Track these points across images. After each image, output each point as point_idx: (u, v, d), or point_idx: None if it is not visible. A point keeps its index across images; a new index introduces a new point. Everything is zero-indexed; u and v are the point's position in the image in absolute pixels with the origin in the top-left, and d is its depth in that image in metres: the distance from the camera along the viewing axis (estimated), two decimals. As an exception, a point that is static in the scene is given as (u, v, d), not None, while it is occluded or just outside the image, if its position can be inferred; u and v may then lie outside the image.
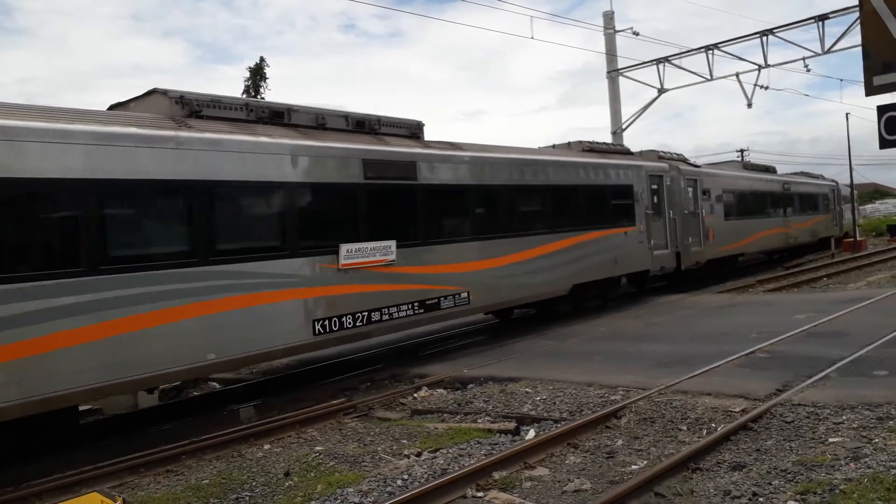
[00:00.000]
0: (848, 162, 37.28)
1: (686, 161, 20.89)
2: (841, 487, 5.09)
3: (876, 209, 67.07)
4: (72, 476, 6.75)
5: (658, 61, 27.08)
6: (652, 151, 19.81)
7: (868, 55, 6.85)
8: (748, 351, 9.95)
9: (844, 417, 6.73)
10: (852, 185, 38.07)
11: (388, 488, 6.01)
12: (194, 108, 9.38)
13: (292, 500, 5.99)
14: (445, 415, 8.48)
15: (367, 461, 6.89)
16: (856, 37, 21.44)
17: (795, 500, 5.02)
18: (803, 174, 33.43)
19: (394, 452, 7.09)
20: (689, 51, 26.50)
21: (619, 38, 28.38)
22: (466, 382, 9.99)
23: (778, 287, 19.50)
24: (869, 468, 5.42)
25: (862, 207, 57.56)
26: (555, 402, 8.40)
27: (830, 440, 6.19)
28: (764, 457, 5.99)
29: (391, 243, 10.78)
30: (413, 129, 12.50)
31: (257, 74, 45.17)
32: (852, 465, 5.54)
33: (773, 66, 25.46)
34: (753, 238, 24.19)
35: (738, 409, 7.28)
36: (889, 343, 9.69)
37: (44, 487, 6.58)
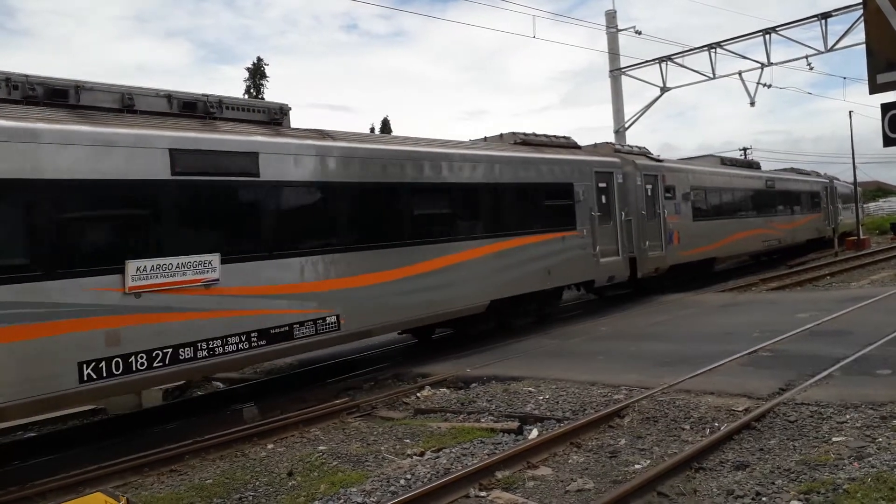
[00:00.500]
0: (851, 160, 37.17)
1: (648, 155, 18.84)
2: (844, 487, 5.08)
3: (879, 207, 66.92)
4: (75, 476, 6.77)
5: (661, 60, 27.06)
6: (607, 144, 17.98)
7: (871, 53, 6.85)
8: (751, 350, 9.94)
9: (848, 416, 6.72)
10: (855, 183, 37.93)
11: (392, 488, 6.02)
12: None
13: (295, 500, 6.00)
14: (448, 414, 8.48)
15: (370, 461, 6.90)
16: (859, 35, 21.44)
17: (799, 500, 5.02)
18: (793, 170, 31.67)
19: (397, 452, 7.10)
20: (692, 49, 26.47)
21: (622, 37, 28.41)
22: (469, 382, 9.99)
23: (781, 286, 19.46)
24: (872, 467, 5.41)
25: (865, 206, 57.39)
26: (558, 402, 8.40)
27: (834, 439, 6.18)
28: (767, 456, 5.99)
29: (212, 258, 8.48)
30: (273, 115, 10.16)
31: (256, 74, 45.21)
32: (856, 464, 5.53)
33: (776, 64, 25.43)
34: (729, 240, 22.08)
35: (741, 409, 7.27)
36: (893, 342, 9.66)
37: (48, 487, 6.59)
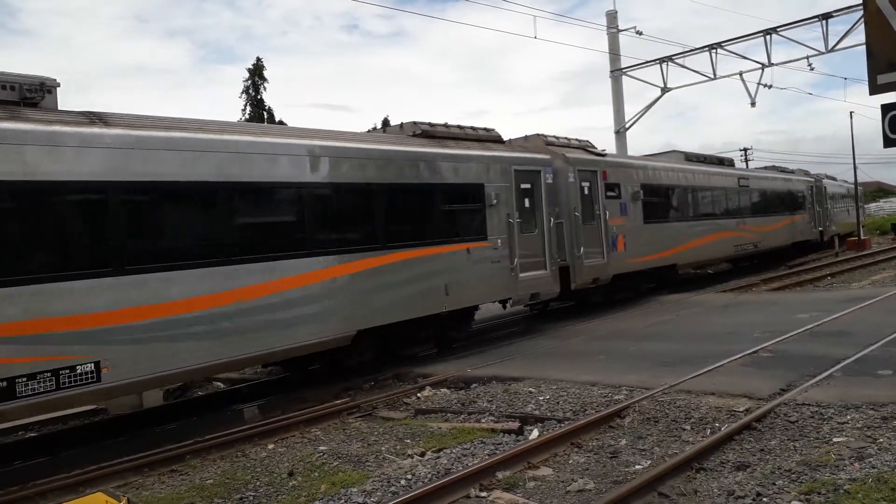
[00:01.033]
0: (852, 160, 37.14)
1: (588, 149, 16.56)
2: (845, 487, 5.08)
3: (880, 208, 66.88)
4: (76, 476, 6.77)
5: (661, 60, 27.09)
6: (538, 137, 15.65)
7: (872, 54, 6.85)
8: (752, 350, 9.93)
9: (849, 417, 6.71)
10: (856, 183, 37.89)
11: (392, 488, 6.02)
12: None
13: (296, 500, 6.00)
14: (449, 414, 8.48)
15: (370, 461, 6.90)
16: (860, 35, 21.41)
17: (799, 501, 5.01)
18: (775, 168, 29.75)
19: (397, 452, 7.10)
20: (693, 50, 26.50)
21: (623, 38, 28.48)
22: (470, 382, 9.99)
23: (781, 286, 19.45)
24: (873, 468, 5.40)
25: (866, 206, 57.33)
26: (558, 402, 8.40)
27: (835, 440, 6.18)
28: (768, 457, 5.99)
29: None
30: (26, 93, 7.88)
31: (256, 74, 45.23)
32: (856, 465, 5.53)
33: (777, 64, 25.50)
34: (692, 245, 19.80)
35: (741, 409, 7.27)
36: (893, 342, 9.66)
37: (48, 487, 6.59)
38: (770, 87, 26.53)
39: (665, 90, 27.62)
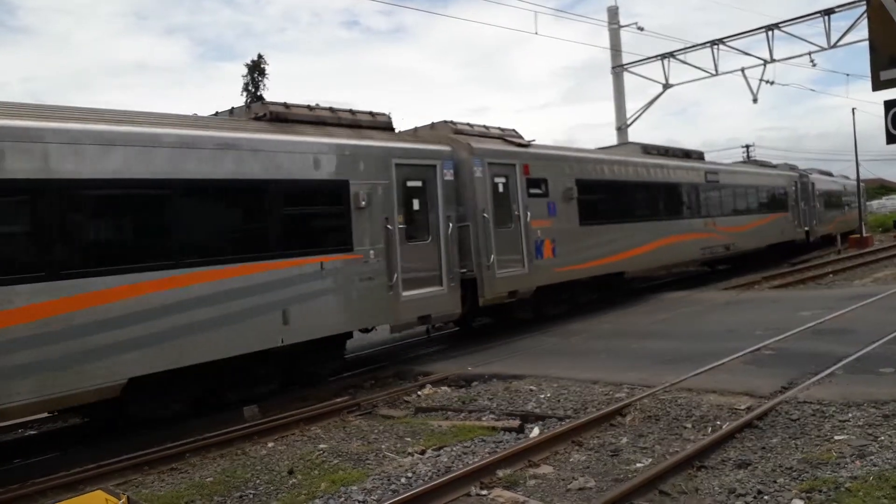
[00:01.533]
0: (854, 157, 37.06)
1: (509, 138, 14.05)
2: (846, 485, 5.06)
3: (882, 205, 66.78)
4: (76, 474, 6.77)
5: (663, 56, 27.04)
6: (446, 125, 13.29)
7: (875, 49, 6.82)
8: (753, 348, 9.91)
9: (850, 415, 6.69)
10: (858, 180, 37.79)
11: (392, 486, 6.01)
12: None
13: (296, 498, 5.99)
14: (449, 412, 8.47)
15: (370, 459, 6.89)
16: (862, 31, 21.31)
17: (801, 499, 5.00)
18: (755, 163, 27.55)
19: (398, 450, 7.09)
20: (695, 46, 26.45)
21: (624, 34, 28.42)
22: (470, 380, 9.98)
23: (783, 283, 19.42)
24: (875, 466, 5.39)
25: (868, 203, 57.24)
26: (559, 400, 8.38)
27: (836, 438, 6.16)
28: (769, 455, 5.97)
29: None
30: None
31: (255, 71, 45.17)
32: (858, 462, 5.51)
33: (779, 60, 25.48)
34: (646, 248, 17.14)
35: (743, 407, 7.25)
36: (895, 340, 9.63)
37: (48, 485, 6.59)
38: (772, 83, 26.54)
39: (667, 86, 27.57)
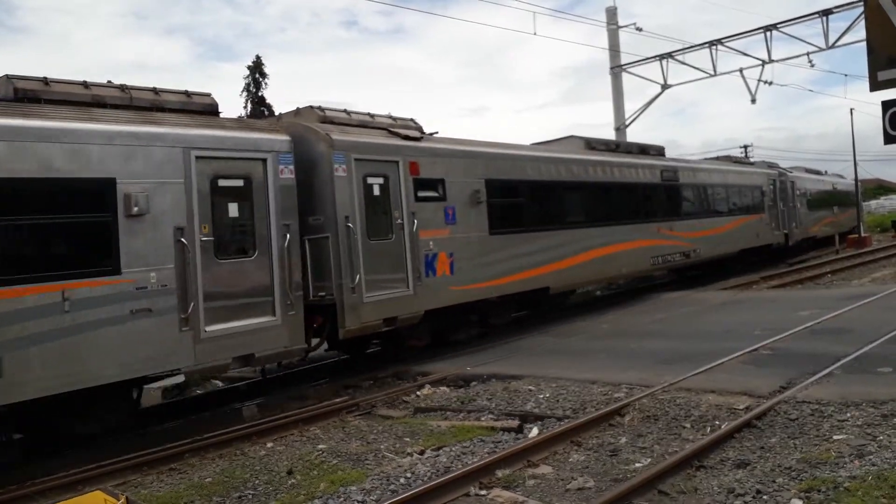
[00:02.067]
0: (853, 157, 37.09)
1: (398, 129, 11.61)
2: (845, 485, 5.07)
3: (881, 205, 66.84)
4: (75, 474, 6.76)
5: (661, 57, 27.02)
6: (312, 110, 10.91)
7: (873, 50, 6.82)
8: (752, 348, 9.92)
9: (849, 415, 6.70)
10: (857, 180, 37.82)
11: (392, 486, 6.01)
12: None
13: (295, 499, 5.99)
14: (448, 413, 8.46)
15: (370, 459, 6.89)
16: (860, 32, 21.39)
17: (799, 498, 5.00)
18: (729, 159, 25.31)
19: (397, 450, 7.09)
20: (693, 46, 26.43)
21: (623, 34, 28.39)
22: (469, 380, 9.98)
23: (781, 283, 19.44)
24: (873, 466, 5.39)
25: (866, 204, 57.26)
26: (558, 400, 8.39)
27: (834, 437, 6.17)
28: (768, 454, 5.98)
29: None
30: None
31: (256, 71, 45.18)
32: (856, 462, 5.52)
33: (777, 61, 25.43)
34: (577, 259, 14.73)
35: (741, 407, 7.26)
36: (893, 340, 9.64)
37: (47, 486, 6.59)
38: (770, 83, 26.50)
39: (665, 87, 27.57)
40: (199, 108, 9.44)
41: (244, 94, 45.31)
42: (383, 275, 10.60)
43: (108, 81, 8.88)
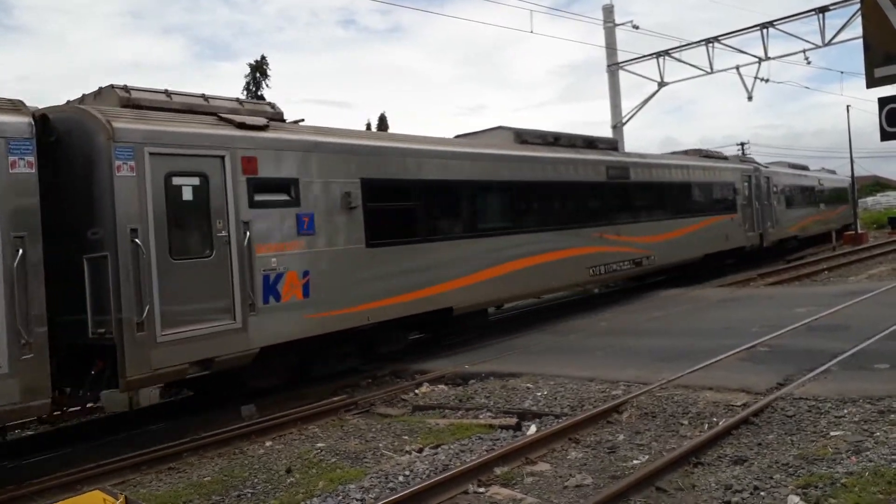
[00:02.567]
0: (849, 154, 37.18)
1: (233, 116, 9.23)
2: (842, 481, 5.09)
3: (877, 202, 67.01)
4: (74, 474, 6.77)
5: (658, 55, 27.03)
6: (114, 90, 8.66)
7: (869, 47, 6.83)
8: (749, 345, 9.94)
9: (846, 411, 6.72)
10: (853, 177, 37.90)
11: (390, 484, 6.02)
12: None
13: (294, 497, 6.00)
14: (447, 411, 8.48)
15: (368, 457, 6.91)
16: (856, 28, 21.45)
17: (797, 494, 5.02)
18: (698, 154, 22.50)
19: (395, 448, 7.10)
20: (690, 44, 26.43)
21: (619, 32, 28.40)
22: (468, 378, 9.99)
23: (779, 280, 19.49)
24: (870, 462, 5.41)
25: (863, 200, 57.40)
26: (556, 398, 8.40)
27: (832, 434, 6.19)
28: (765, 451, 5.99)
29: None
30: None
31: (258, 71, 45.16)
32: (853, 458, 5.54)
33: (774, 58, 25.45)
34: (490, 273, 12.49)
35: (739, 404, 7.28)
36: (890, 336, 9.68)
37: (46, 485, 6.59)
38: (767, 80, 26.54)
39: (662, 84, 27.58)
40: None
41: (244, 92, 45.35)
42: (195, 304, 8.25)
43: None
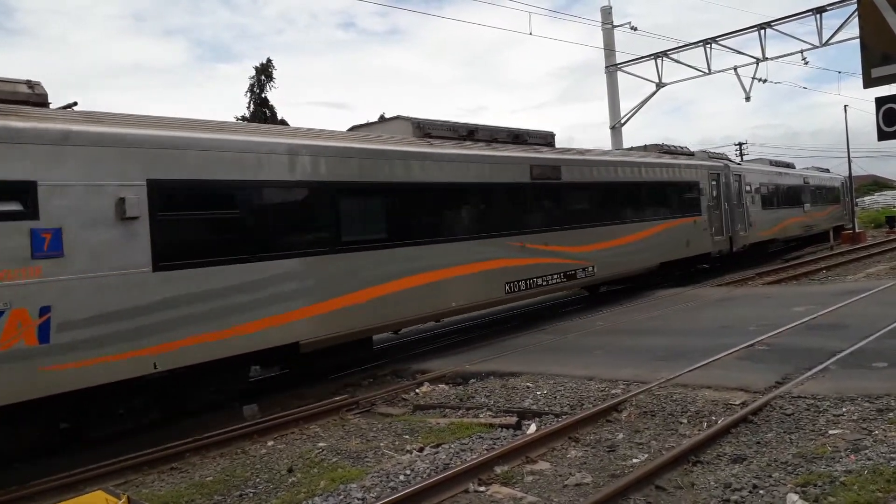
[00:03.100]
0: (847, 154, 37.23)
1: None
2: (841, 479, 5.12)
3: (875, 201, 67.09)
4: (76, 474, 6.78)
5: (656, 56, 27.10)
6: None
7: (866, 47, 6.87)
8: (748, 343, 9.97)
9: (844, 409, 6.76)
10: (850, 177, 37.96)
11: (391, 483, 6.05)
12: None
13: (296, 496, 6.02)
14: (447, 410, 8.51)
15: (369, 457, 6.93)
16: (854, 29, 21.44)
17: (796, 493, 5.05)
18: (657, 149, 20.19)
19: (396, 448, 7.13)
20: (688, 45, 26.52)
21: (618, 33, 28.48)
22: (468, 377, 10.02)
23: (777, 279, 19.52)
24: (869, 460, 5.45)
25: (861, 199, 57.48)
26: (556, 397, 8.43)
27: (830, 432, 6.22)
28: (764, 449, 6.03)
29: None
30: None
31: (263, 74, 45.19)
32: (852, 456, 5.57)
33: (772, 59, 25.54)
34: (357, 298, 10.24)
35: (738, 402, 7.31)
36: (888, 335, 9.71)
37: (48, 486, 6.61)
38: (765, 81, 26.62)
39: (660, 85, 27.65)
40: None
41: (248, 94, 45.36)
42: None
43: None
